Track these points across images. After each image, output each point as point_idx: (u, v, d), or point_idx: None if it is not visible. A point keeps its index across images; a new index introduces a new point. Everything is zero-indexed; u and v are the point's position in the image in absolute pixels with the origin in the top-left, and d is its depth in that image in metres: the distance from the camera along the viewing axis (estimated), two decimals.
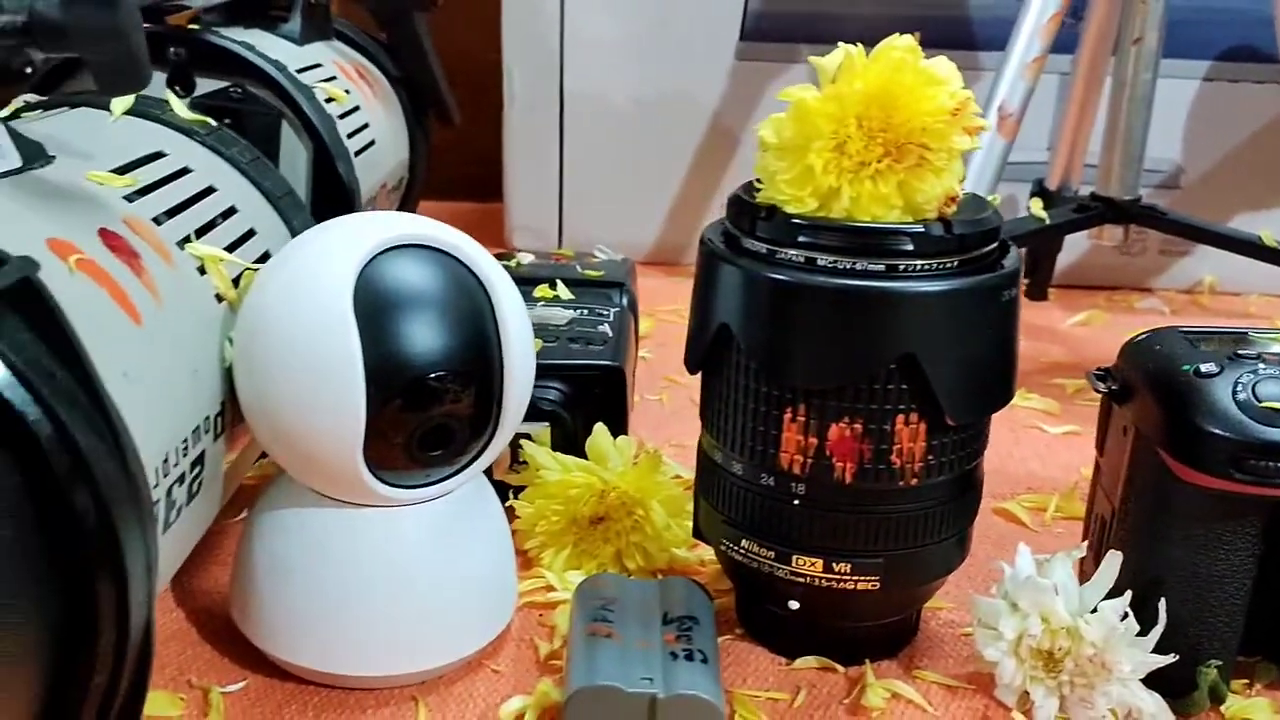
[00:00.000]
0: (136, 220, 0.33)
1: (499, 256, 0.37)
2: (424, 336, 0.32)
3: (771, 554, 0.35)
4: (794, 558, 0.34)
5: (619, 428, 0.45)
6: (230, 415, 0.34)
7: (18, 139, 0.32)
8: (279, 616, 0.34)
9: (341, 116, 0.57)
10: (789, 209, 0.33)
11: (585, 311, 0.50)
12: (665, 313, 0.69)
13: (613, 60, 0.76)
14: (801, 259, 0.32)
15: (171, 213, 0.35)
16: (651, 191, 0.79)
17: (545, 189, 0.79)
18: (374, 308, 0.32)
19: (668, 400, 0.58)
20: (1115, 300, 0.77)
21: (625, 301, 0.54)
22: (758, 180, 0.34)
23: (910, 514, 0.34)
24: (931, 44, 0.33)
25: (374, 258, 0.32)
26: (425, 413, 0.32)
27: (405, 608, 0.34)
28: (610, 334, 0.48)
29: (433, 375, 0.32)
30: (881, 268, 0.32)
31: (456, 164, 0.77)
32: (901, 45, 0.32)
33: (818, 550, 0.34)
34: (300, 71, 0.55)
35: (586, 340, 0.47)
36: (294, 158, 0.53)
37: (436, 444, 0.33)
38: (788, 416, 0.33)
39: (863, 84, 0.32)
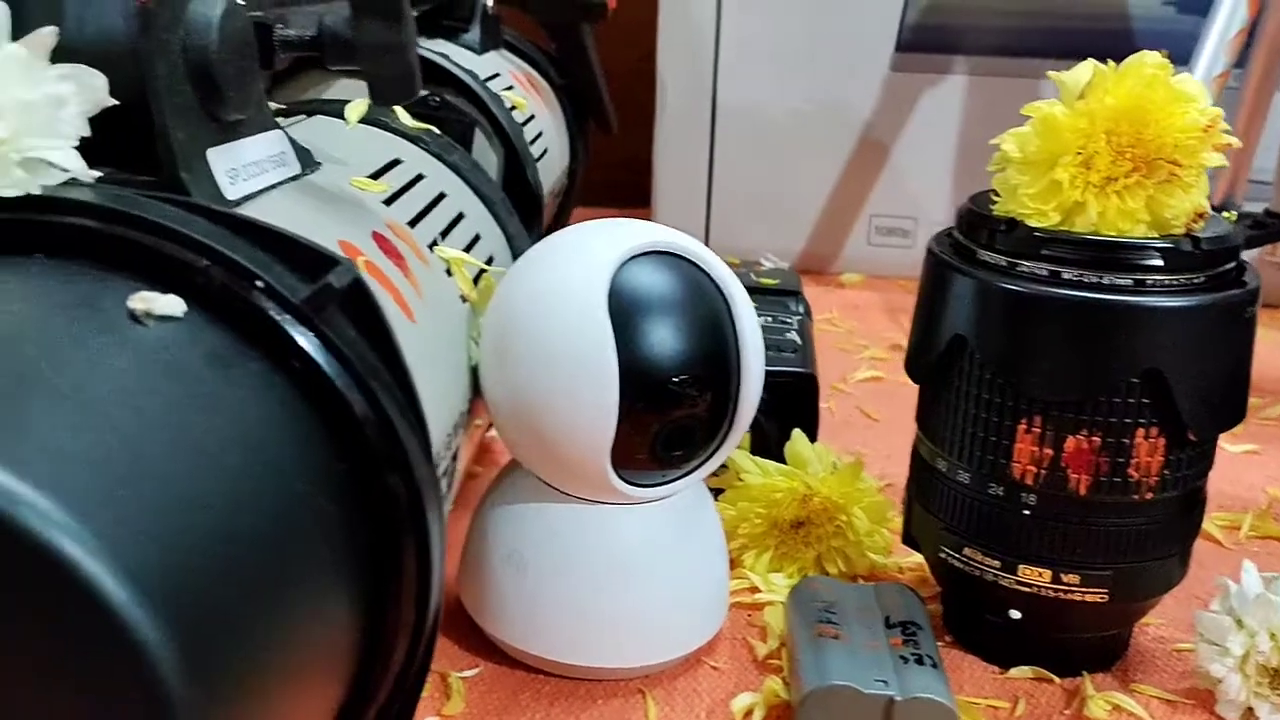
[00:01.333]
0: (396, 224, 0.35)
1: None
2: (671, 341, 0.33)
3: (997, 563, 0.35)
4: (1020, 567, 0.35)
5: (811, 434, 0.45)
6: (471, 412, 0.36)
7: (293, 145, 0.34)
8: (513, 607, 0.36)
9: (522, 124, 0.58)
10: (1031, 222, 0.33)
11: (770, 319, 0.51)
12: (819, 321, 0.70)
13: (766, 72, 0.76)
14: (1045, 272, 0.33)
15: (418, 217, 0.37)
16: (799, 201, 0.80)
17: (694, 197, 0.80)
18: (625, 313, 0.33)
19: (836, 408, 0.58)
20: None
21: (803, 309, 0.54)
22: (993, 193, 0.35)
23: (1141, 528, 0.34)
24: (1085, 55, 0.34)
25: (624, 264, 0.33)
26: (669, 415, 0.33)
27: (635, 602, 0.35)
28: (799, 341, 0.49)
29: (678, 379, 0.33)
30: (1128, 282, 0.32)
31: (602, 168, 0.79)
32: (1152, 62, 0.33)
33: (1046, 561, 0.35)
34: (486, 80, 0.57)
35: (777, 347, 0.48)
36: (485, 164, 0.55)
37: (677, 445, 0.34)
38: (1022, 428, 0.34)
39: (1113, 99, 0.32)
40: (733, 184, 0.80)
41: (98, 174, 0.25)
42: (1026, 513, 0.34)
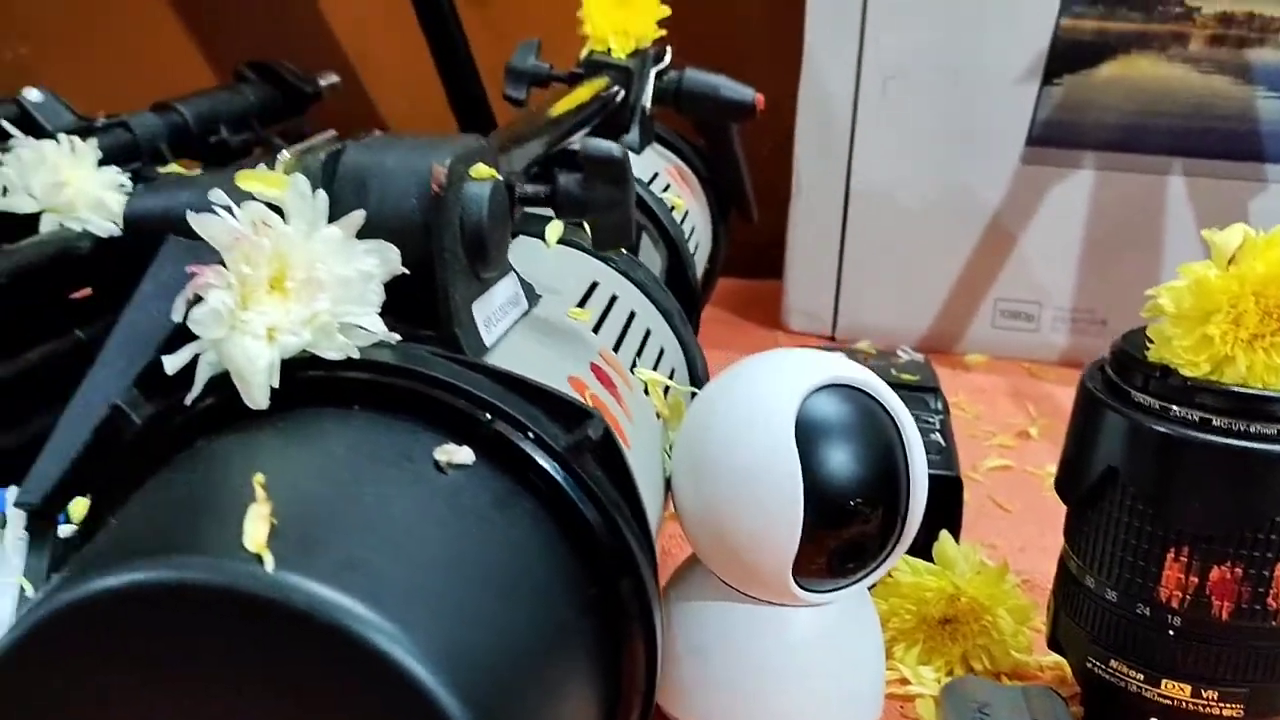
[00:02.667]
0: (606, 351, 0.40)
1: None
2: (850, 466, 0.37)
3: (1141, 676, 0.38)
4: (1163, 682, 0.38)
5: (955, 533, 0.49)
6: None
7: (520, 281, 0.39)
8: (695, 693, 0.40)
9: (680, 223, 0.63)
10: (1184, 371, 0.36)
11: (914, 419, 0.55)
12: None
13: (899, 160, 0.80)
14: (1196, 418, 0.36)
15: (619, 340, 0.42)
16: (926, 282, 0.83)
17: (824, 276, 0.84)
18: (809, 439, 0.37)
19: (969, 498, 0.62)
20: None
21: (942, 405, 0.58)
22: (1148, 339, 0.38)
23: (1277, 650, 0.37)
24: (1217, 155, 0.37)
25: (810, 394, 0.38)
26: (847, 532, 0.37)
27: (806, 693, 0.39)
28: (943, 443, 0.52)
29: (855, 500, 0.37)
30: (1273, 431, 0.35)
31: (735, 241, 0.83)
32: None
33: (1187, 677, 0.38)
34: (649, 183, 0.62)
35: (924, 449, 0.51)
36: (649, 264, 0.59)
37: (851, 558, 0.38)
38: (1170, 556, 0.37)
39: (1262, 266, 0.35)
40: (862, 264, 0.83)
41: (397, 336, 0.31)
42: (1171, 633, 0.37)
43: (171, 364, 0.29)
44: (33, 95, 0.67)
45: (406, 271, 0.31)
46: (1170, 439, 0.36)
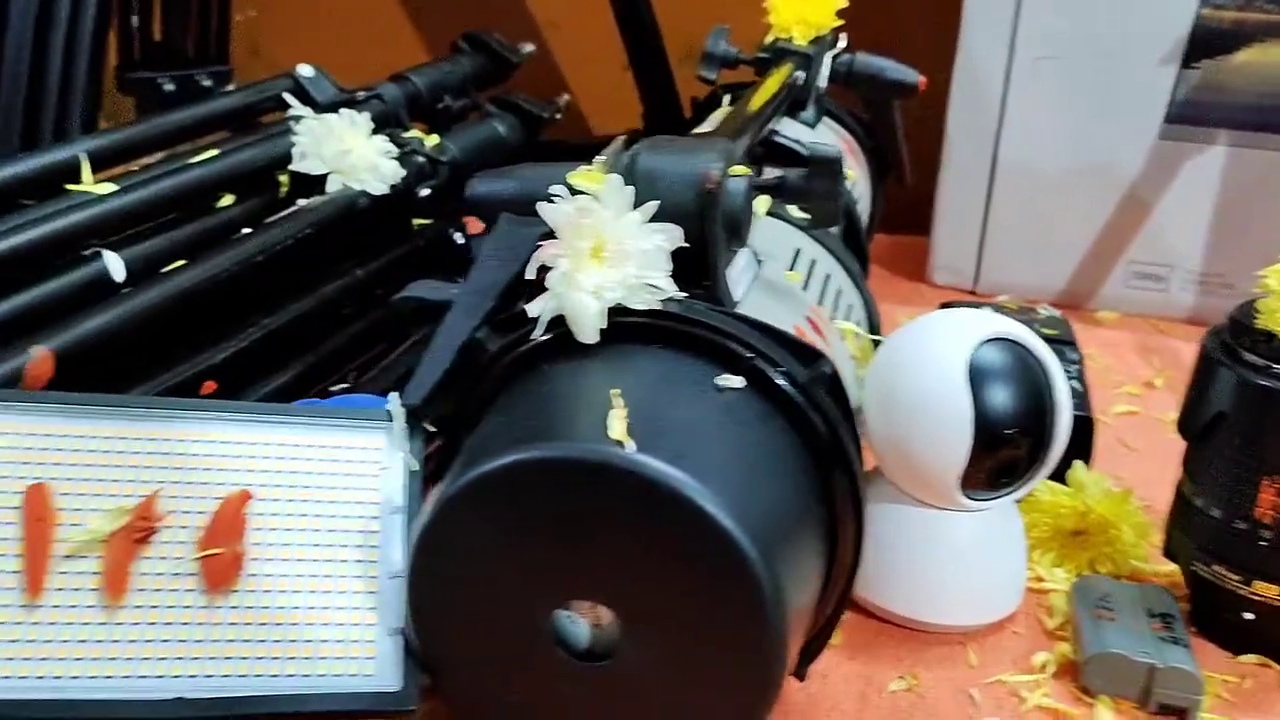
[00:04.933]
0: (814, 305, 0.51)
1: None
2: (1008, 403, 0.47)
3: (1237, 577, 0.48)
4: (1255, 582, 0.48)
5: (1086, 463, 0.59)
6: None
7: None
8: (875, 576, 0.51)
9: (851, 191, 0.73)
10: None
11: None
12: None
13: (1045, 133, 0.88)
14: None
15: (820, 297, 0.53)
16: (1063, 244, 0.91)
17: (969, 235, 0.93)
18: (977, 381, 0.47)
19: (1098, 438, 0.71)
20: None
21: (1078, 357, 0.67)
22: (1257, 309, 0.47)
23: None
24: None
25: (979, 345, 0.48)
26: (1002, 455, 0.48)
27: (964, 578, 0.50)
28: (1080, 388, 0.62)
29: (1010, 430, 0.47)
30: None
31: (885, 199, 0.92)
32: None
33: (1275, 579, 0.47)
34: None
35: None
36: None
37: (1005, 476, 0.48)
38: (1265, 482, 0.46)
39: None
40: (1005, 225, 0.92)
41: (684, 294, 0.42)
42: (1263, 543, 0.47)
43: (533, 310, 0.41)
44: (304, 71, 0.79)
45: (686, 245, 0.42)
46: (1270, 391, 0.46)
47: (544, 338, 0.41)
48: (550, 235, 0.45)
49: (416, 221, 0.79)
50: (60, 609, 0.38)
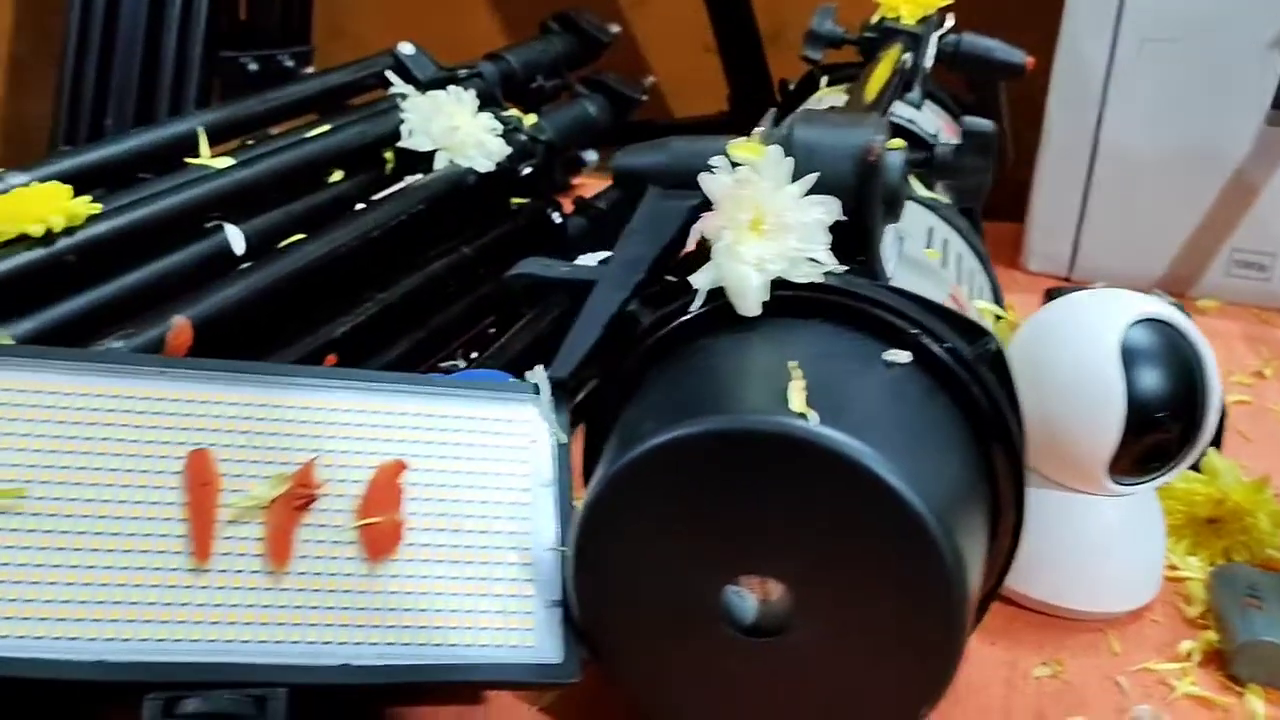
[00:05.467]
0: (954, 284, 0.50)
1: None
2: (1160, 386, 0.46)
3: None
4: None
5: (1218, 451, 0.58)
6: None
7: None
8: (1015, 560, 0.50)
9: None
10: None
11: None
12: None
13: (1149, 117, 0.87)
14: None
15: (958, 276, 0.52)
16: (1164, 230, 0.90)
17: (1066, 221, 0.92)
18: (1129, 362, 0.46)
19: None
20: None
21: None
22: None
23: None
24: None
25: (1130, 326, 0.47)
26: (1152, 438, 0.47)
27: (1105, 568, 0.49)
28: None
29: (1162, 414, 0.46)
30: None
31: None
32: None
33: None
34: (934, 137, 0.71)
35: None
36: None
37: (1154, 460, 0.47)
38: None
39: None
40: (1104, 211, 0.90)
41: (844, 268, 0.41)
42: None
43: (698, 282, 0.40)
44: (405, 49, 0.79)
45: (844, 219, 0.41)
46: None
47: (702, 310, 0.41)
48: (699, 208, 0.45)
49: (514, 200, 0.79)
50: (227, 574, 0.38)
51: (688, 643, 0.38)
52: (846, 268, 0.41)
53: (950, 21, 0.79)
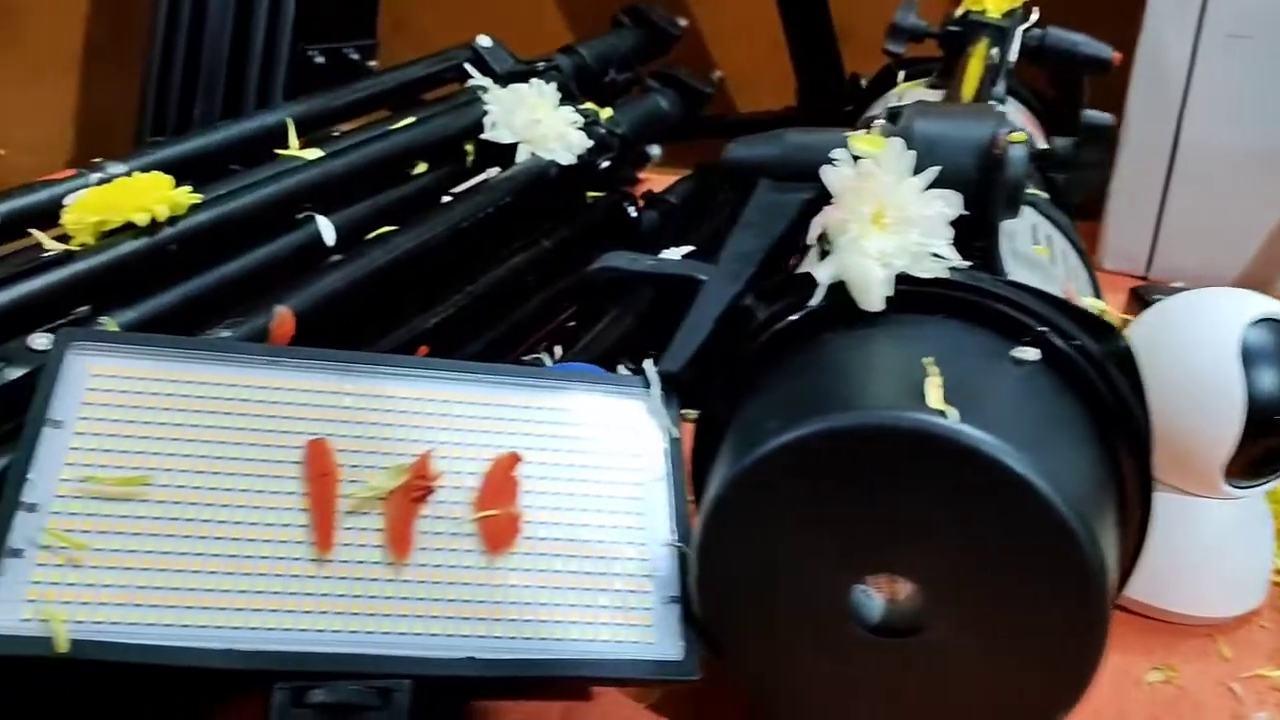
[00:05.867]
0: (1066, 284, 0.49)
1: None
2: (1276, 384, 0.45)
3: None
4: None
5: None
6: None
7: None
8: None
9: None
10: None
11: None
12: None
13: (1231, 114, 0.85)
14: None
15: (1065, 274, 0.51)
16: (1243, 229, 0.88)
17: (1144, 220, 0.90)
18: (1248, 362, 0.45)
19: None
20: None
21: None
22: None
23: None
24: None
25: (1250, 325, 0.46)
26: (1271, 440, 0.46)
27: (1215, 572, 0.48)
28: None
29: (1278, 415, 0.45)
30: None
31: None
32: None
33: None
34: None
35: None
36: None
37: (1272, 462, 0.46)
38: None
39: None
40: (1183, 209, 0.89)
41: (968, 263, 0.40)
42: None
43: (822, 275, 0.39)
44: (483, 41, 0.79)
45: (966, 213, 0.41)
46: None
47: (822, 305, 0.40)
48: (814, 201, 0.44)
49: (589, 194, 0.79)
50: (348, 564, 0.38)
51: (813, 642, 0.37)
52: (969, 263, 0.41)
53: (1035, 15, 0.78)
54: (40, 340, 0.43)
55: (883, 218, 0.40)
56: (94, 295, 0.48)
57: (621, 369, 0.56)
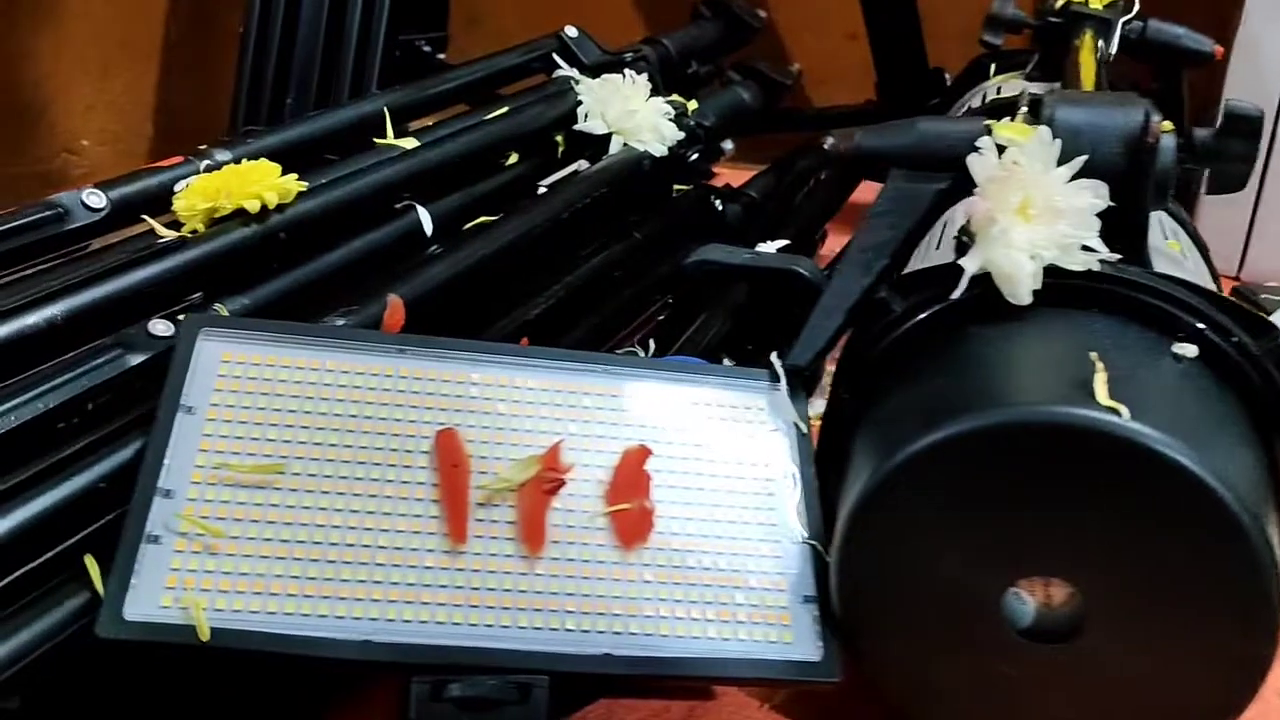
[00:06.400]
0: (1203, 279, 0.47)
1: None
2: None
3: None
4: None
5: None
6: None
7: None
8: None
9: None
10: None
11: None
12: None
13: None
14: None
15: (1197, 271, 0.49)
16: None
17: (1238, 220, 0.88)
18: None
19: None
20: None
21: None
22: None
23: None
24: None
25: None
26: None
27: None
28: None
29: None
30: None
31: None
32: None
33: None
34: None
35: None
36: None
37: None
38: None
39: None
40: (1277, 209, 0.87)
41: (1117, 256, 0.39)
42: None
43: (970, 267, 0.38)
44: (570, 32, 0.78)
45: (1113, 204, 0.39)
46: None
47: (964, 298, 0.39)
48: (948, 192, 0.43)
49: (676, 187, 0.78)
50: (481, 556, 0.37)
51: (963, 647, 0.36)
52: (1119, 256, 0.39)
53: (1136, 6, 0.76)
54: (160, 326, 0.42)
55: (1029, 209, 0.39)
56: (206, 282, 0.48)
57: (727, 363, 0.55)
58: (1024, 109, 0.42)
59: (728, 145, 1.04)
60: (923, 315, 0.40)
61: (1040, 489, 0.34)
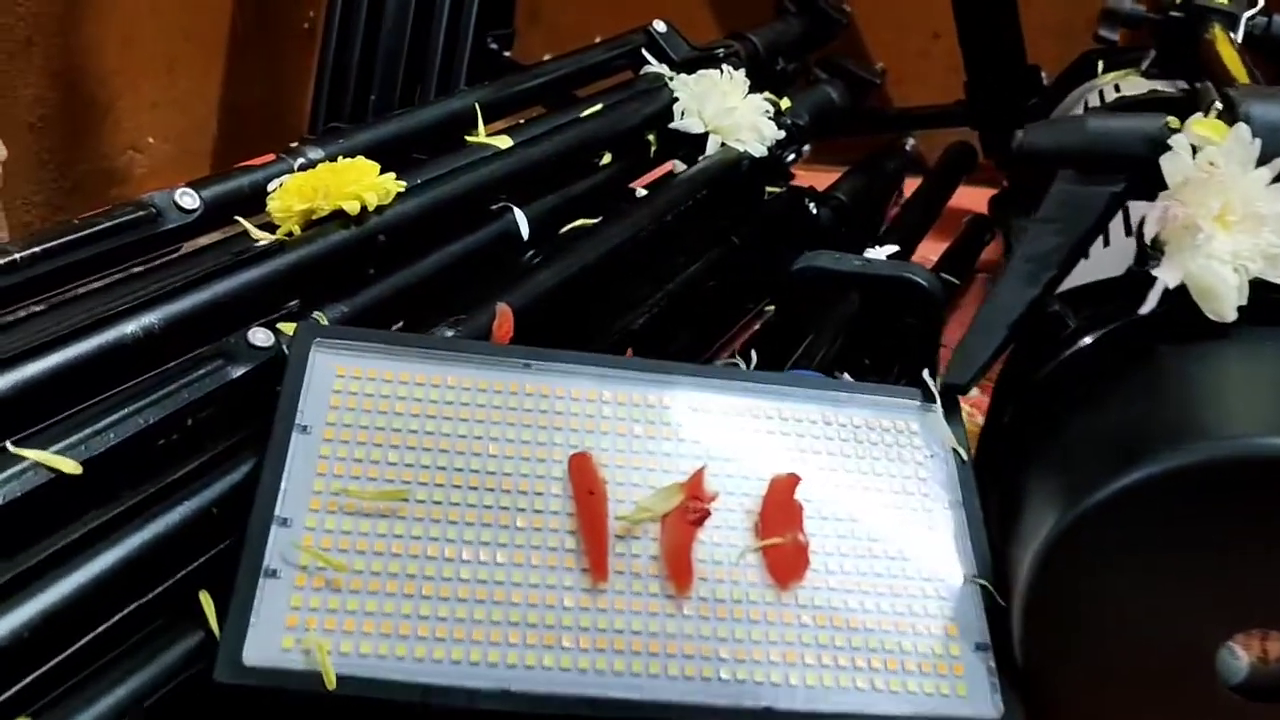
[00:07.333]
0: None
1: None
2: None
3: None
4: None
5: None
6: None
7: None
8: None
9: None
10: None
11: None
12: None
13: None
14: None
15: None
16: None
17: None
18: None
19: None
20: None
21: None
22: None
23: None
24: None
25: None
26: None
27: None
28: None
29: None
30: None
31: None
32: None
33: None
34: None
35: None
36: None
37: None
38: None
39: None
40: None
41: None
42: None
43: (1167, 279, 0.34)
44: (658, 26, 0.75)
45: None
46: None
47: (1154, 313, 0.35)
48: (1122, 195, 0.39)
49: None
50: (624, 595, 0.33)
51: (1165, 704, 0.32)
52: None
53: (1261, 1, 0.72)
54: (260, 335, 0.39)
55: (1228, 215, 0.35)
56: (304, 287, 0.45)
57: (846, 378, 0.51)
58: (1216, 104, 0.38)
59: (805, 147, 1.00)
60: (1102, 332, 0.36)
61: (1256, 531, 0.30)
